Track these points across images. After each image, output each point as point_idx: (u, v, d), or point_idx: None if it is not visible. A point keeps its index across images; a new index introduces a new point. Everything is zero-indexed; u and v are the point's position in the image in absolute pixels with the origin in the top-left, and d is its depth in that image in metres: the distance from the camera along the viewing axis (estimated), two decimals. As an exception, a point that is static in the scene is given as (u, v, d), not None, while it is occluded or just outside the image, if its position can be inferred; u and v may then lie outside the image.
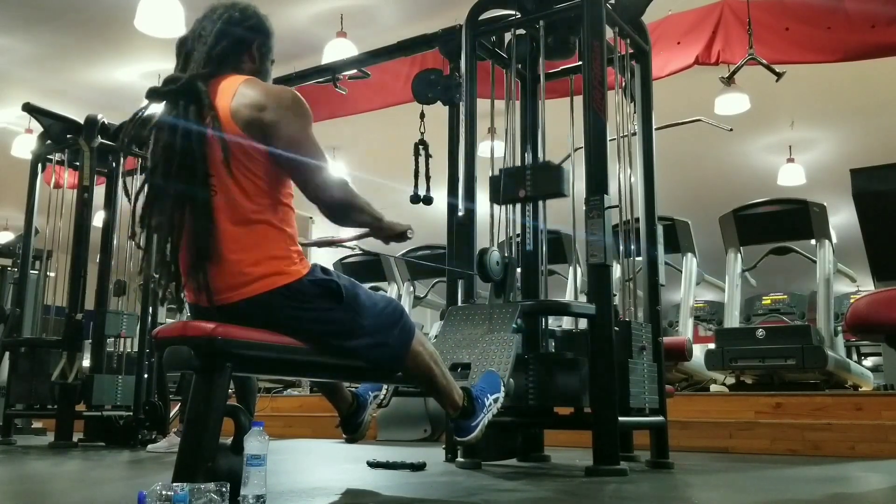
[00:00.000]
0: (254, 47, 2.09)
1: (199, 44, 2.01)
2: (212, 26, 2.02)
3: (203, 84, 1.93)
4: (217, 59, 1.99)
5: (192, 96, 1.92)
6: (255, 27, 2.09)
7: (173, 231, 1.92)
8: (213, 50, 1.99)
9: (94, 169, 4.98)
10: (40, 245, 6.00)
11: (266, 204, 1.94)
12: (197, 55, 1.99)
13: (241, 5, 2.09)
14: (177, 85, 1.95)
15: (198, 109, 1.91)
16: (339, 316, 2.01)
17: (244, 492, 1.76)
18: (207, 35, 2.01)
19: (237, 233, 1.91)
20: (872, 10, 5.10)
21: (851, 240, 5.19)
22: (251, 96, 1.92)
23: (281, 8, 6.07)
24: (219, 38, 2.00)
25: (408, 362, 2.16)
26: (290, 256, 1.96)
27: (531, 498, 2.26)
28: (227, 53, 2.02)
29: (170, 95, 1.95)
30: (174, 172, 1.90)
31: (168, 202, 1.92)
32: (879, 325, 2.24)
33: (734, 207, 6.12)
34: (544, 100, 3.45)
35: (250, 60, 2.08)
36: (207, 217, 1.89)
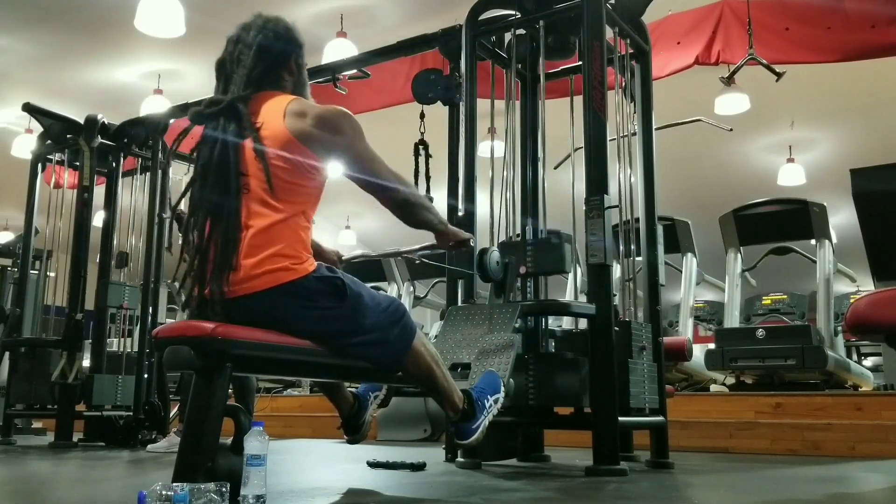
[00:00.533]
0: (291, 62, 2.17)
1: (239, 66, 2.08)
2: (248, 49, 2.09)
3: (244, 106, 2.02)
4: (257, 80, 2.07)
5: (233, 116, 2.02)
6: (289, 42, 2.16)
7: (202, 240, 1.98)
8: (252, 72, 2.07)
9: (94, 169, 4.98)
10: (40, 245, 6.01)
11: (294, 209, 2.00)
12: (237, 78, 2.07)
13: (272, 21, 2.15)
14: (218, 107, 2.04)
15: (238, 128, 2.00)
16: (342, 314, 2.02)
17: (244, 492, 1.76)
18: (245, 58, 2.08)
19: (257, 236, 1.96)
20: (872, 10, 5.10)
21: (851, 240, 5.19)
22: (315, 116, 2.01)
23: (281, 8, 6.04)
24: (256, 61, 2.08)
25: (408, 362, 2.16)
26: (298, 255, 1.99)
27: (531, 498, 2.26)
28: (266, 73, 2.09)
29: (212, 116, 2.04)
30: (209, 186, 2.00)
31: (201, 215, 2.00)
32: (879, 325, 2.24)
33: (734, 207, 6.13)
34: (544, 100, 3.45)
35: (289, 75, 2.16)
36: (235, 232, 1.95)
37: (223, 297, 1.92)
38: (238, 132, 2.00)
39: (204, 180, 2.02)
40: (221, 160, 1.99)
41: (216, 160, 1.99)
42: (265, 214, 1.96)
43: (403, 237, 2.70)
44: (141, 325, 4.88)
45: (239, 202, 1.97)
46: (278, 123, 2.00)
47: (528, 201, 3.63)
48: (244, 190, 1.98)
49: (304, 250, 2.01)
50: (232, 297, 1.93)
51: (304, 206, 2.04)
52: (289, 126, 1.99)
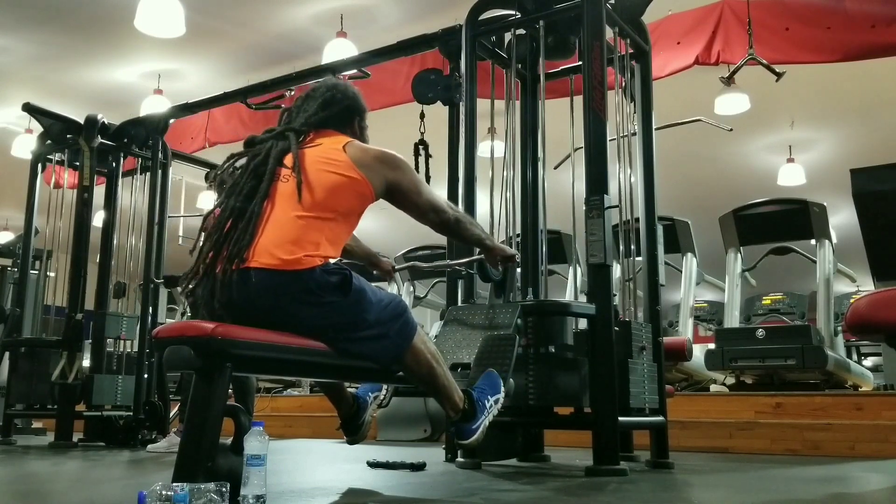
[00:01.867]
0: (355, 122, 2.33)
1: (301, 113, 2.26)
2: (314, 102, 2.27)
3: (294, 135, 2.17)
4: (316, 123, 2.23)
5: (282, 139, 2.17)
6: (355, 103, 2.33)
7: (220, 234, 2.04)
8: (312, 117, 2.23)
9: (94, 169, 4.98)
10: (40, 245, 6.01)
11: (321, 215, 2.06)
12: (297, 120, 2.24)
13: (342, 85, 2.34)
14: (272, 134, 2.21)
15: (283, 150, 2.13)
16: (345, 307, 2.04)
17: (244, 492, 1.76)
18: (310, 108, 2.25)
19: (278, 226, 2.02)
20: (872, 10, 5.10)
21: (851, 240, 5.20)
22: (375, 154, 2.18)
23: (281, 8, 6.07)
24: (319, 110, 2.25)
25: (408, 358, 2.17)
26: (314, 250, 2.01)
27: (531, 498, 2.26)
28: (327, 120, 2.24)
29: (265, 141, 2.19)
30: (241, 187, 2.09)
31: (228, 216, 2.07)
32: (879, 325, 2.24)
33: (734, 207, 6.13)
34: (544, 100, 3.45)
35: (352, 134, 2.29)
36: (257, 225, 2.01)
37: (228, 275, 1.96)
38: (284, 147, 2.14)
39: (236, 185, 2.11)
40: (259, 164, 2.11)
41: (253, 165, 2.12)
42: (291, 210, 2.03)
43: (403, 238, 2.72)
44: (141, 325, 4.88)
45: (262, 204, 2.04)
46: (337, 148, 2.15)
47: (528, 201, 3.63)
48: (278, 184, 2.07)
49: (319, 249, 2.03)
50: (238, 269, 1.96)
51: (338, 218, 2.10)
52: (349, 153, 2.14)
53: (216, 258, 2.01)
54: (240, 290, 1.96)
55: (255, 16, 6.21)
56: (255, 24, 6.35)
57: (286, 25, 6.36)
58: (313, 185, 2.07)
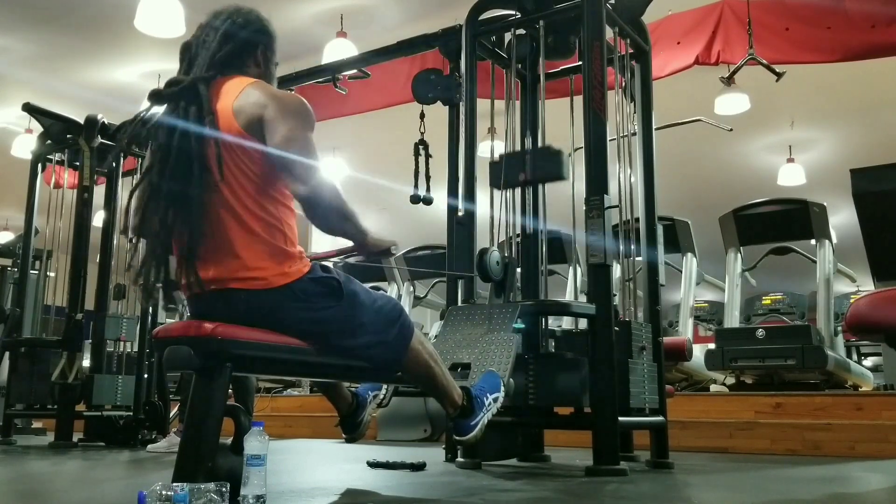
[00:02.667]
0: (258, 52, 2.11)
1: (203, 49, 2.03)
2: (215, 32, 2.04)
3: (205, 86, 1.95)
4: (220, 62, 2.01)
5: (193, 98, 1.93)
6: (259, 31, 2.11)
7: (163, 229, 1.92)
8: (216, 54, 2.01)
9: (94, 169, 4.97)
10: (40, 245, 6.00)
11: (265, 203, 1.94)
12: (200, 60, 2.01)
13: (245, 10, 2.10)
14: (178, 87, 1.96)
15: (198, 111, 1.92)
16: (339, 314, 2.01)
17: (244, 492, 1.76)
18: (211, 40, 2.02)
19: (239, 230, 1.91)
20: (872, 10, 5.10)
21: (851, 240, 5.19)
22: (256, 96, 1.94)
23: (281, 8, 6.07)
24: (222, 43, 2.02)
25: (407, 361, 2.16)
26: (291, 255, 1.96)
27: (531, 498, 2.26)
28: (231, 57, 2.03)
29: (172, 97, 1.96)
30: (169, 172, 1.91)
31: (162, 201, 1.92)
32: (879, 325, 2.24)
33: (734, 207, 6.12)
34: (544, 100, 3.45)
35: (255, 65, 2.10)
36: (199, 216, 1.90)
37: (202, 287, 1.89)
38: (198, 116, 1.91)
39: (163, 166, 1.91)
40: (182, 148, 1.90)
41: (176, 147, 1.90)
42: (240, 210, 1.91)
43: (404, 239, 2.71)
44: (141, 325, 4.88)
45: (202, 191, 1.89)
46: (228, 103, 1.93)
47: (527, 201, 3.63)
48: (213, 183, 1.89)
49: (292, 246, 1.97)
50: (226, 290, 1.90)
51: (275, 195, 1.96)
52: (235, 106, 1.92)
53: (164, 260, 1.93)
54: (225, 309, 1.90)
55: (255, 16, 6.20)
56: (255, 24, 6.34)
57: (286, 25, 6.35)
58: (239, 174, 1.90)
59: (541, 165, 3.14)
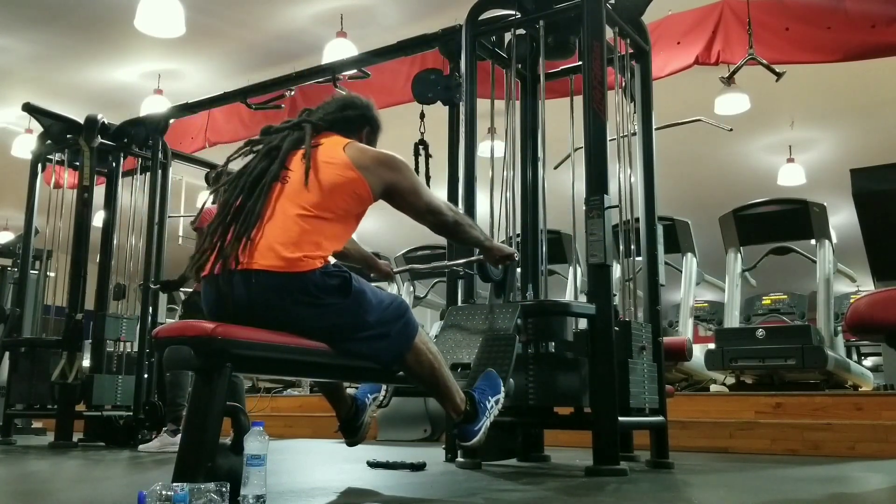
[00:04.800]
0: (364, 131, 2.38)
1: (321, 109, 2.33)
2: (335, 103, 2.36)
3: (310, 128, 2.22)
4: (331, 121, 2.29)
5: (297, 130, 2.22)
6: (372, 117, 2.42)
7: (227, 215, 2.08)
8: (328, 115, 2.31)
9: (94, 169, 4.98)
10: (40, 245, 6.01)
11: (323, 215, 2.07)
12: (314, 115, 2.30)
13: (367, 100, 2.44)
14: (288, 125, 2.27)
15: (297, 140, 2.18)
16: (346, 309, 2.04)
17: (244, 492, 1.77)
18: (330, 105, 2.35)
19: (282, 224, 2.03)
20: (872, 10, 5.10)
21: (851, 240, 5.20)
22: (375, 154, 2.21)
23: (281, 8, 6.07)
24: (335, 109, 2.33)
25: (410, 358, 2.17)
26: (314, 252, 2.02)
27: (531, 498, 2.26)
28: (341, 122, 2.31)
29: (280, 130, 2.25)
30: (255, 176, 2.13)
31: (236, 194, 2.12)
32: (879, 325, 2.24)
33: (734, 207, 6.12)
34: (544, 100, 3.45)
35: (358, 140, 2.32)
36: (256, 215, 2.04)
37: (237, 265, 1.97)
38: (294, 145, 2.17)
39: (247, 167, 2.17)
40: (271, 149, 2.17)
41: (266, 150, 2.18)
42: (295, 206, 2.05)
43: (403, 239, 2.72)
44: (141, 326, 4.88)
45: (271, 187, 2.08)
46: (338, 150, 2.17)
47: (528, 201, 3.63)
48: (284, 181, 2.09)
49: (318, 250, 2.04)
50: (241, 270, 1.96)
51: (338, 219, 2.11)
52: (348, 153, 2.16)
53: (218, 254, 2.02)
54: (240, 291, 1.96)
55: (255, 16, 6.21)
56: (255, 24, 6.35)
57: (286, 25, 6.35)
58: (315, 184, 2.08)
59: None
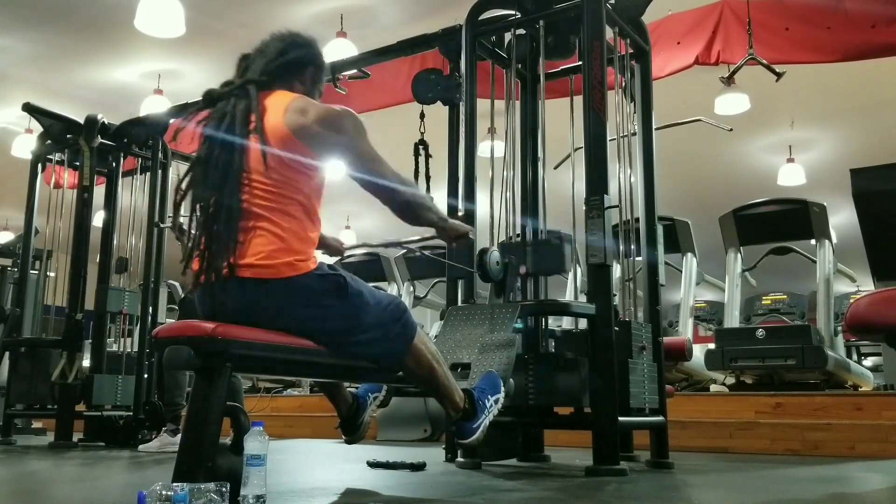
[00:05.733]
0: (307, 72, 2.23)
1: (260, 57, 2.17)
2: (274, 45, 2.19)
3: (255, 88, 2.07)
4: (272, 71, 2.13)
5: (243, 96, 2.06)
6: (313, 56, 2.26)
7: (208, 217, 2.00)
8: (270, 63, 2.14)
9: (94, 169, 4.97)
10: (40, 245, 6.00)
11: (296, 207, 2.01)
12: (255, 66, 2.15)
13: (305, 35, 2.27)
14: (231, 87, 2.10)
15: (246, 108, 2.03)
16: (344, 312, 2.03)
17: (244, 492, 1.77)
18: (269, 51, 2.17)
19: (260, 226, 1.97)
20: (872, 10, 5.10)
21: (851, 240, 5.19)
22: (317, 114, 2.03)
23: (281, 8, 6.07)
24: (278, 55, 2.16)
25: (409, 360, 2.17)
26: (304, 252, 2.00)
27: (531, 498, 2.26)
28: (282, 70, 2.15)
29: (223, 96, 2.10)
30: (213, 163, 2.01)
31: (206, 189, 2.01)
32: (879, 325, 2.24)
33: (734, 207, 6.12)
34: (544, 100, 3.45)
35: (301, 83, 2.21)
36: (238, 204, 1.97)
37: (230, 273, 1.93)
38: (245, 118, 2.02)
39: (207, 162, 2.03)
40: (226, 147, 2.00)
41: (219, 145, 2.01)
42: (271, 211, 1.98)
43: (403, 237, 2.71)
44: (141, 325, 4.88)
45: (240, 187, 1.98)
46: (278, 118, 2.01)
47: (528, 201, 3.63)
48: (249, 184, 1.99)
49: (308, 248, 2.02)
50: (233, 278, 1.94)
51: (307, 204, 2.03)
52: (287, 122, 2.00)
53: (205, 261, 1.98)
54: (235, 299, 1.94)
55: (255, 16, 6.20)
56: (255, 24, 6.34)
57: (286, 25, 6.32)
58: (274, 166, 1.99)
59: (542, 258, 3.16)
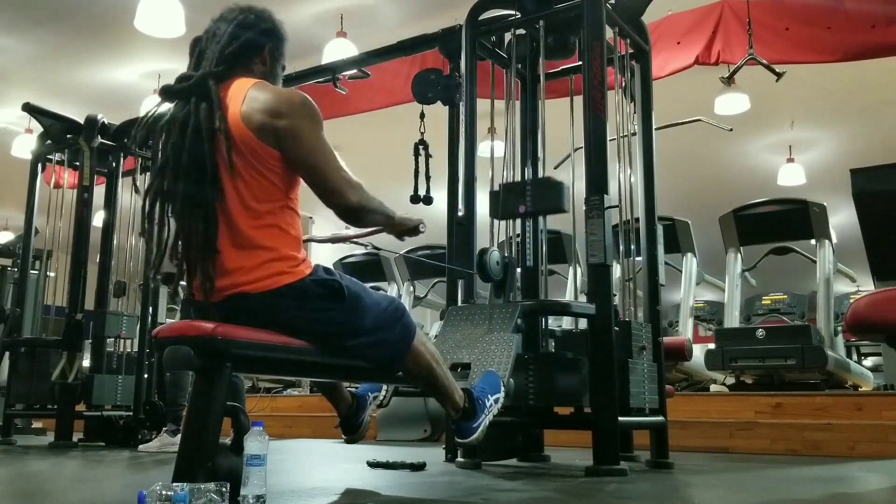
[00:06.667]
0: (266, 50, 2.11)
1: (213, 43, 2.04)
2: (226, 27, 2.05)
3: (214, 83, 1.96)
4: (229, 58, 2.01)
5: (204, 94, 1.94)
6: (268, 31, 2.12)
7: (183, 230, 1.94)
8: (225, 49, 2.02)
9: (94, 169, 4.98)
10: (40, 245, 6.00)
11: (274, 206, 1.95)
12: (209, 54, 2.02)
13: (257, 9, 2.12)
14: (189, 83, 1.98)
15: (208, 108, 1.92)
16: (341, 316, 2.01)
17: (244, 492, 1.76)
18: (221, 35, 2.04)
19: (245, 233, 1.92)
20: (872, 10, 5.10)
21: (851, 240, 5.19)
22: (263, 101, 1.93)
23: (281, 8, 6.02)
24: (232, 39, 2.03)
25: (408, 361, 2.16)
26: (294, 257, 1.97)
27: (531, 498, 2.26)
28: (239, 54, 2.04)
29: (182, 93, 1.98)
30: (183, 171, 1.92)
31: (178, 201, 1.94)
32: (879, 325, 2.24)
33: (734, 207, 6.12)
34: (544, 100, 3.45)
35: (261, 63, 2.10)
36: (214, 217, 1.91)
37: (213, 288, 1.90)
38: (209, 116, 1.91)
39: (177, 165, 1.92)
40: (195, 147, 1.90)
41: (189, 147, 1.90)
42: (249, 212, 1.92)
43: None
44: (141, 325, 4.88)
45: (216, 191, 1.90)
46: (235, 112, 1.92)
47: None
48: (223, 193, 1.91)
49: (297, 250, 1.98)
50: (230, 297, 1.92)
51: (284, 199, 1.97)
52: (243, 115, 1.91)
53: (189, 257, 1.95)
54: (229, 314, 1.91)
55: (255, 16, 6.20)
56: (255, 24, 6.34)
57: (286, 25, 6.33)
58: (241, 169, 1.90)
59: (541, 197, 3.16)
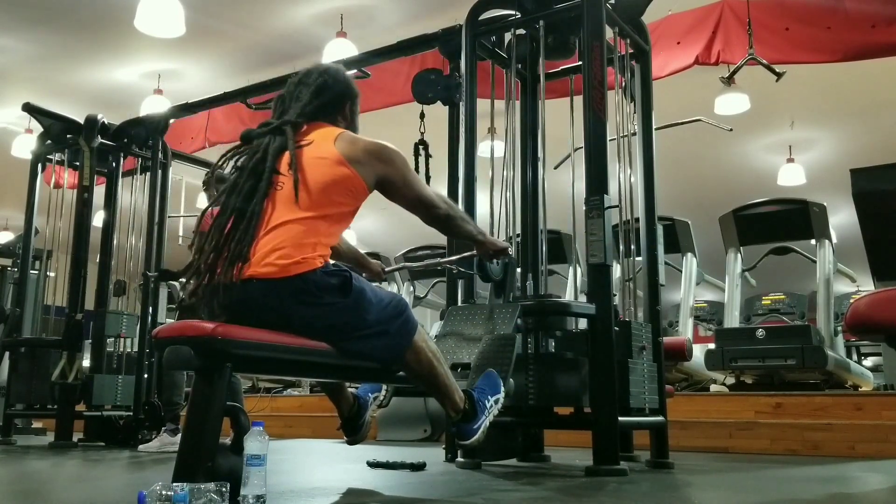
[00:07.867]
0: (346, 107, 2.33)
1: (295, 101, 2.25)
2: (307, 87, 2.26)
3: (291, 129, 2.16)
4: (310, 113, 2.22)
5: (279, 134, 2.16)
6: (347, 88, 2.34)
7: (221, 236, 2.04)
8: (307, 106, 2.23)
9: (94, 169, 4.98)
10: (40, 245, 6.01)
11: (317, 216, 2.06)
12: (291, 111, 2.23)
13: (333, 69, 2.35)
14: (268, 128, 2.19)
15: (282, 142, 2.13)
16: (345, 308, 2.04)
17: (244, 492, 1.76)
18: (303, 95, 2.25)
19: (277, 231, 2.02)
20: (872, 10, 5.10)
21: (851, 240, 5.20)
22: (368, 145, 2.16)
23: (281, 8, 6.07)
24: (312, 98, 2.24)
25: (409, 356, 2.17)
26: (311, 252, 2.02)
27: (531, 498, 2.26)
28: (321, 110, 2.25)
29: (261, 136, 2.18)
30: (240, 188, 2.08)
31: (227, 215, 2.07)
32: (879, 325, 2.24)
33: (734, 207, 6.13)
34: (544, 100, 3.45)
35: (343, 119, 2.31)
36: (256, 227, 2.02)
37: (231, 281, 1.96)
38: (281, 144, 2.12)
39: (236, 185, 2.10)
40: (258, 162, 2.10)
41: (252, 164, 2.10)
42: (290, 213, 2.03)
43: (404, 237, 2.73)
44: (141, 325, 4.88)
45: (263, 204, 2.04)
46: (329, 145, 2.13)
47: (528, 201, 3.63)
48: (277, 186, 2.06)
49: (316, 250, 2.03)
50: (236, 281, 1.96)
51: (333, 217, 2.10)
52: (339, 148, 2.12)
53: (216, 261, 2.01)
54: (240, 295, 1.96)
55: (255, 16, 6.21)
56: (255, 24, 6.35)
57: (286, 25, 6.35)
58: (308, 185, 2.07)
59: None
